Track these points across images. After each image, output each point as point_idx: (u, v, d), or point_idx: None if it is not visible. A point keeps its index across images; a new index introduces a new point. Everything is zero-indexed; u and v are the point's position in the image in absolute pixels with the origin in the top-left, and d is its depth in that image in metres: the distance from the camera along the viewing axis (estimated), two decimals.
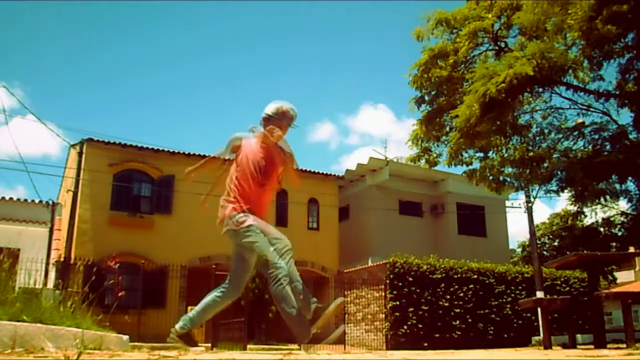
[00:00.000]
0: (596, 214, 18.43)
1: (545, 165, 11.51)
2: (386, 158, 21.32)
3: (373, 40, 58.49)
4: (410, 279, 12.60)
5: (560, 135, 11.76)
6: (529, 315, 13.52)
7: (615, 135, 11.07)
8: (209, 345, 11.33)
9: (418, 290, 12.59)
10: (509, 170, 11.98)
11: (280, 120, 3.66)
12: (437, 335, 12.37)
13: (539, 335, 11.76)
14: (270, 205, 3.86)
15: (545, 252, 26.97)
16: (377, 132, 66.65)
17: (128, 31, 55.64)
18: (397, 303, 12.36)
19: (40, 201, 16.53)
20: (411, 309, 12.41)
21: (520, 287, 13.96)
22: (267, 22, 57.49)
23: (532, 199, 15.70)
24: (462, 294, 13.04)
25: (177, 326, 3.60)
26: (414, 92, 11.84)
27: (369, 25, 58.42)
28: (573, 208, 12.92)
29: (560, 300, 6.31)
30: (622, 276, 26.43)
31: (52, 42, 52.07)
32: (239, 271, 3.65)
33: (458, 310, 12.87)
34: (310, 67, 60.66)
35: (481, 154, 11.88)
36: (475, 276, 13.42)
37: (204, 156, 21.20)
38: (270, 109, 3.71)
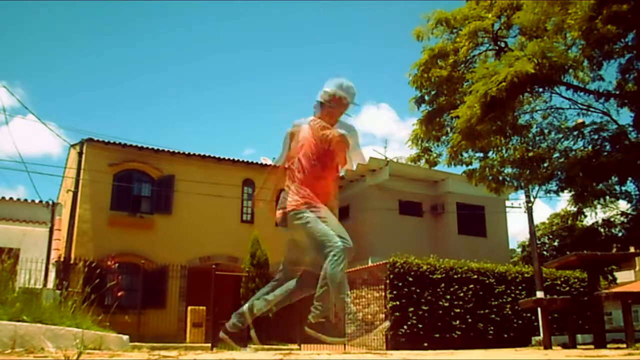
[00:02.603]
0: (596, 214, 18.45)
1: (545, 165, 11.51)
2: (386, 158, 21.32)
3: (375, 40, 58.53)
4: (410, 279, 12.58)
5: (560, 135, 11.76)
6: (529, 315, 13.50)
7: (615, 135, 11.06)
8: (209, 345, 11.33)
9: (418, 290, 12.57)
10: (508, 170, 11.98)
11: (334, 107, 3.36)
12: (437, 335, 12.35)
13: (539, 335, 11.75)
14: (331, 196, 3.60)
15: (545, 252, 26.93)
16: (379, 131, 66.71)
17: (129, 31, 55.66)
18: (397, 303, 12.35)
19: (41, 201, 16.52)
20: (411, 309, 12.40)
21: (520, 287, 13.94)
22: (269, 22, 57.52)
23: (532, 199, 15.69)
24: (462, 294, 13.02)
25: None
26: (414, 92, 11.84)
27: (371, 24, 58.46)
28: (573, 208, 12.92)
29: (560, 300, 6.31)
30: (622, 276, 26.41)
31: (53, 41, 52.11)
32: (290, 258, 3.49)
33: (458, 310, 12.86)
34: (312, 66, 60.66)
35: (481, 154, 11.88)
36: (475, 276, 13.40)
37: (204, 156, 21.19)
38: (324, 95, 3.38)
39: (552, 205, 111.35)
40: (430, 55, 11.07)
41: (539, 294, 13.23)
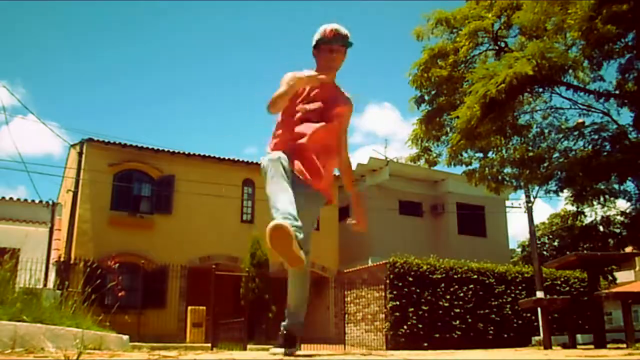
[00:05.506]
0: (596, 213, 18.43)
1: (545, 165, 11.51)
2: (386, 158, 21.33)
3: (378, 39, 58.52)
4: (410, 279, 12.59)
5: (560, 135, 11.76)
6: (529, 315, 13.51)
7: (615, 135, 11.07)
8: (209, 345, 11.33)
9: (418, 290, 12.58)
10: (508, 170, 11.97)
11: (331, 42, 3.00)
12: (437, 335, 12.36)
13: (539, 335, 11.76)
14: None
15: (545, 252, 26.94)
16: (381, 131, 66.75)
17: (129, 31, 55.68)
18: (397, 303, 12.36)
19: (41, 201, 16.53)
20: (411, 309, 12.40)
21: (520, 287, 13.96)
22: (269, 22, 57.52)
23: (532, 199, 15.70)
24: (462, 294, 13.03)
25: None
26: (415, 91, 11.83)
27: (373, 24, 58.47)
28: (572, 207, 12.93)
29: (560, 300, 6.31)
30: (622, 276, 26.42)
31: (54, 41, 52.13)
32: None
33: (458, 310, 12.87)
34: (313, 66, 60.53)
35: (481, 154, 11.88)
36: (475, 276, 13.41)
37: (204, 156, 21.23)
38: (315, 36, 3.03)
39: (552, 205, 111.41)
40: (430, 55, 11.06)
41: (539, 294, 13.23)
